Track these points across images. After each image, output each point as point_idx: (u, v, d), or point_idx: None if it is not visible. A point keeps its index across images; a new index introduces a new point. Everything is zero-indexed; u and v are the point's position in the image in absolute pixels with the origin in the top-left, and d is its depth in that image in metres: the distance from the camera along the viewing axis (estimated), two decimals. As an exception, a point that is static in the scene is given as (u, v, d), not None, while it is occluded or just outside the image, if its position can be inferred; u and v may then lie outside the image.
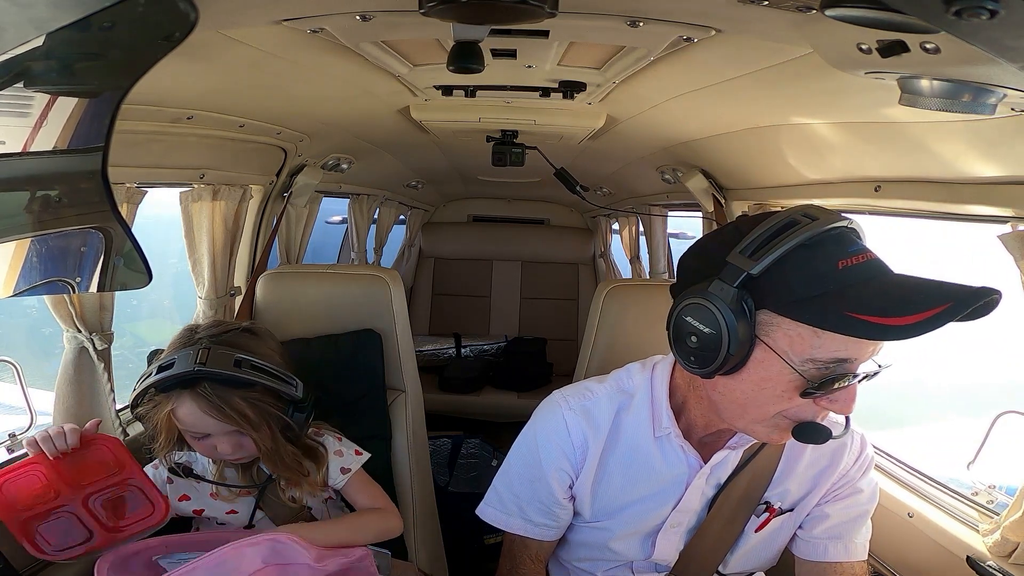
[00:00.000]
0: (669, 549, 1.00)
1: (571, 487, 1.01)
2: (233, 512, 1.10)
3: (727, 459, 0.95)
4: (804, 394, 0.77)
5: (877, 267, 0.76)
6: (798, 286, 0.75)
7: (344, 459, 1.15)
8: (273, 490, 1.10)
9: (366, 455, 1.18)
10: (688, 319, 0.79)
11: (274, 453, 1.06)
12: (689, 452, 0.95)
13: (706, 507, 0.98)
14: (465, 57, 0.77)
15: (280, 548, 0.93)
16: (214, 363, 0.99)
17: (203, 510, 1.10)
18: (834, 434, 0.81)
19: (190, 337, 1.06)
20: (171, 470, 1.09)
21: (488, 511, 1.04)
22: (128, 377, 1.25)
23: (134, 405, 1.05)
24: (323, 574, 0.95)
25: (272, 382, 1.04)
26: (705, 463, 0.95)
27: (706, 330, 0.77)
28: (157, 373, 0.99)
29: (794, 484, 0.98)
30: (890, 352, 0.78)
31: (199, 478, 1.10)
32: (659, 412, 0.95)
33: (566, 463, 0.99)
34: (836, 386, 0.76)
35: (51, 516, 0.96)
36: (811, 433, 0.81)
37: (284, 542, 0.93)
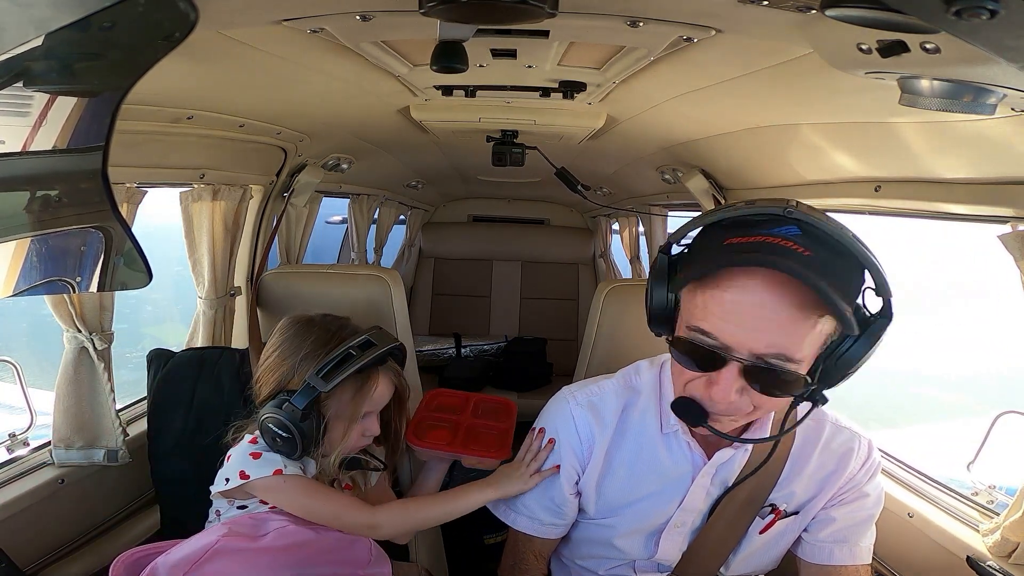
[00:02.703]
0: (672, 549, 1.00)
1: (577, 483, 1.02)
2: (274, 509, 1.09)
3: (733, 459, 0.95)
4: (676, 358, 0.82)
5: (761, 247, 0.74)
6: (694, 261, 0.82)
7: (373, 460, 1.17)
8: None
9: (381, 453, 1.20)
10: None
11: (404, 423, 1.15)
12: (695, 449, 0.96)
13: (710, 507, 0.98)
14: (449, 56, 0.77)
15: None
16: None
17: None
18: (709, 421, 0.84)
19: (325, 326, 1.06)
20: (352, 461, 1.07)
21: (498, 506, 1.07)
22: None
23: (315, 401, 0.98)
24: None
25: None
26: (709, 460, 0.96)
27: (652, 304, 0.86)
28: (361, 353, 1.01)
29: (800, 487, 0.98)
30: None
31: (367, 467, 1.11)
32: (667, 409, 0.95)
33: (573, 458, 1.00)
34: (694, 358, 0.79)
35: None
36: (682, 410, 0.85)
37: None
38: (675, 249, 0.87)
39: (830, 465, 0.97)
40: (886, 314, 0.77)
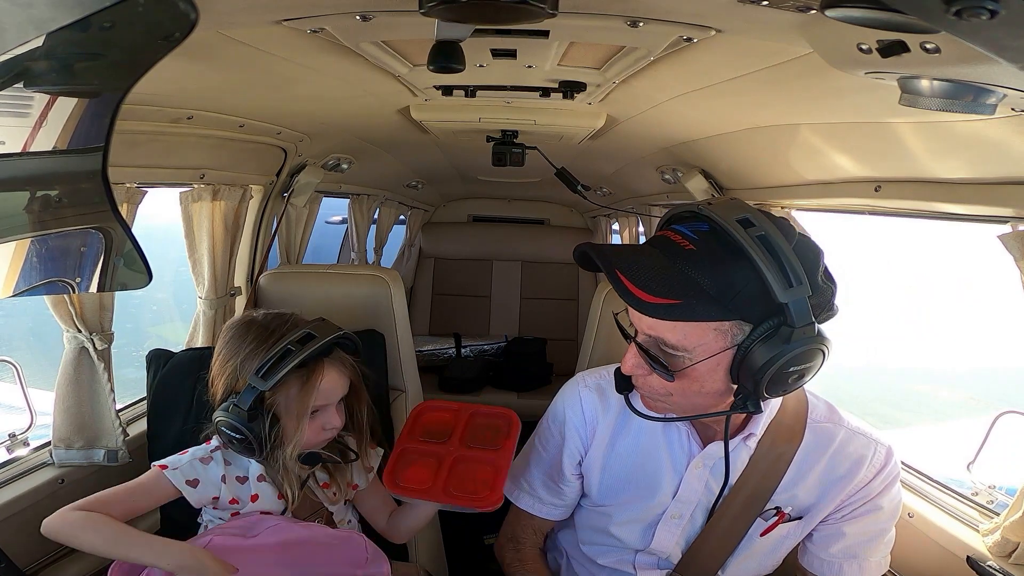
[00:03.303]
0: (668, 541, 1.01)
1: (580, 463, 1.05)
2: (267, 513, 1.09)
3: (735, 455, 0.95)
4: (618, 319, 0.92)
5: (659, 239, 0.84)
6: None
7: (365, 457, 1.16)
8: (307, 490, 1.10)
9: (380, 449, 1.20)
10: None
11: (371, 411, 1.12)
12: (692, 439, 0.97)
13: (710, 507, 0.99)
14: (446, 56, 0.76)
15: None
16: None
17: (239, 510, 1.09)
18: (639, 400, 0.92)
19: (265, 325, 1.03)
20: (309, 457, 1.04)
21: (506, 482, 1.09)
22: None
23: (258, 400, 0.98)
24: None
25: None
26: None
27: None
28: (300, 348, 0.98)
29: (803, 490, 0.97)
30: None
31: (327, 460, 1.08)
32: None
33: (576, 438, 1.04)
34: (622, 335, 0.90)
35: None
36: (617, 375, 0.93)
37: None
38: None
39: (839, 471, 0.96)
40: (789, 322, 0.75)
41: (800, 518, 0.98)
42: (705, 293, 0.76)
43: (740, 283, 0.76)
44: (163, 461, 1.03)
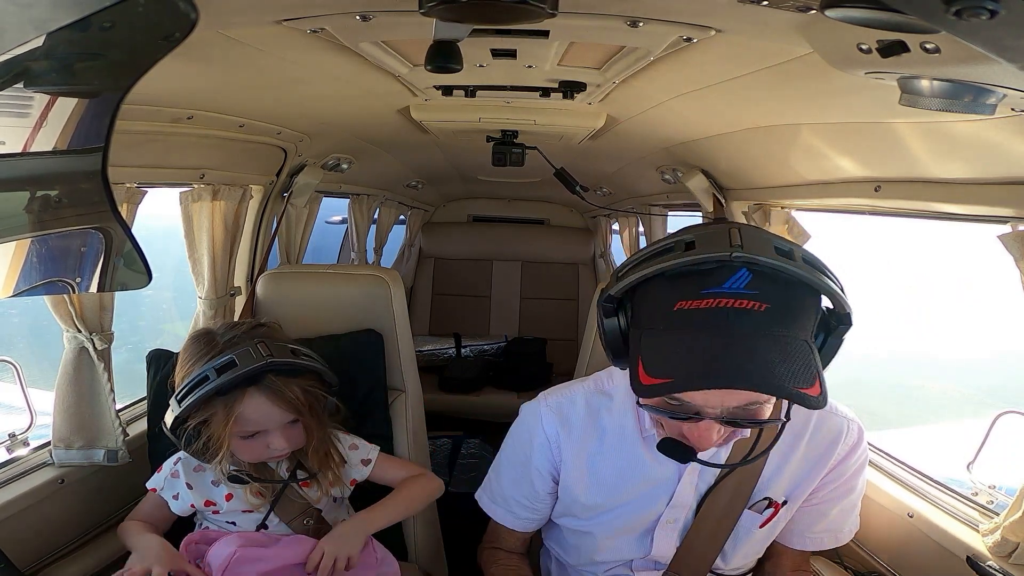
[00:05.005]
0: (667, 545, 1.01)
1: (555, 480, 1.05)
2: (248, 511, 1.10)
3: (717, 454, 0.96)
4: (645, 407, 0.83)
5: (716, 317, 0.71)
6: (644, 315, 0.78)
7: (360, 451, 1.18)
8: (289, 490, 1.11)
9: (376, 447, 1.21)
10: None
11: (321, 441, 1.09)
12: None
13: (697, 503, 1.00)
14: (444, 56, 0.76)
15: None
16: (279, 354, 1.01)
17: (219, 510, 1.10)
18: (699, 456, 0.83)
19: (212, 340, 1.04)
20: (232, 478, 1.06)
21: (483, 497, 1.12)
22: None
23: (181, 419, 1.00)
24: None
25: (321, 367, 1.07)
26: None
27: (604, 330, 0.84)
28: (217, 376, 0.97)
29: (787, 475, 1.00)
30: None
31: (265, 480, 1.07)
32: (643, 413, 0.96)
33: (542, 458, 1.03)
34: (670, 415, 0.79)
35: None
36: (671, 449, 0.83)
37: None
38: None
39: (817, 451, 0.99)
40: (846, 321, 0.77)
41: (787, 502, 1.01)
42: (806, 343, 0.74)
43: (814, 313, 0.77)
44: (151, 483, 1.10)
